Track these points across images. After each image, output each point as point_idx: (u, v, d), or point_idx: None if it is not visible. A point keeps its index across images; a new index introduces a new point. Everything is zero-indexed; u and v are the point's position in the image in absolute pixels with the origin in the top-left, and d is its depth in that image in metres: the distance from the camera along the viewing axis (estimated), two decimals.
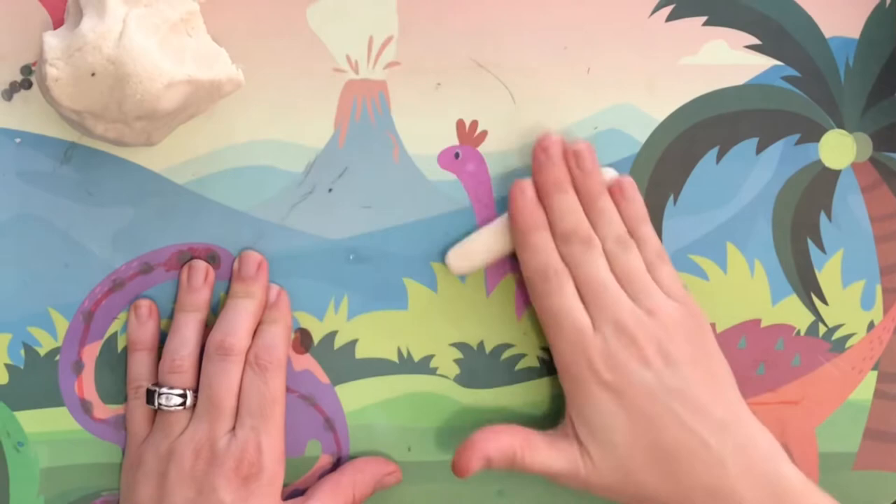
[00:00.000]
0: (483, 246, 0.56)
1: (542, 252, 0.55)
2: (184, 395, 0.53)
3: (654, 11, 0.57)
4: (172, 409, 0.53)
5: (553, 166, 0.55)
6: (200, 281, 0.55)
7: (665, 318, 0.54)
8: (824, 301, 0.59)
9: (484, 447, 0.54)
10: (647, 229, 0.56)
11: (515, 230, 0.55)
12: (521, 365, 0.58)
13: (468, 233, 0.57)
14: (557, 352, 0.55)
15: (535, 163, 0.56)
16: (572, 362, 0.54)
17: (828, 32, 0.58)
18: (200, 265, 0.55)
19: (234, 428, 0.53)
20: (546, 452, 0.54)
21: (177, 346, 0.54)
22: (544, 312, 0.55)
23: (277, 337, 0.55)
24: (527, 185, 0.55)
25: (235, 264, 0.56)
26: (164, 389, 0.53)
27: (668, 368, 0.53)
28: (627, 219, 0.56)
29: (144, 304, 0.55)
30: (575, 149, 0.55)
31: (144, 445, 0.54)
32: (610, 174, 0.56)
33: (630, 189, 0.56)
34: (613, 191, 0.56)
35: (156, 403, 0.53)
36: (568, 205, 0.55)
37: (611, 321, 0.53)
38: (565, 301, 0.54)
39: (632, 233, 0.56)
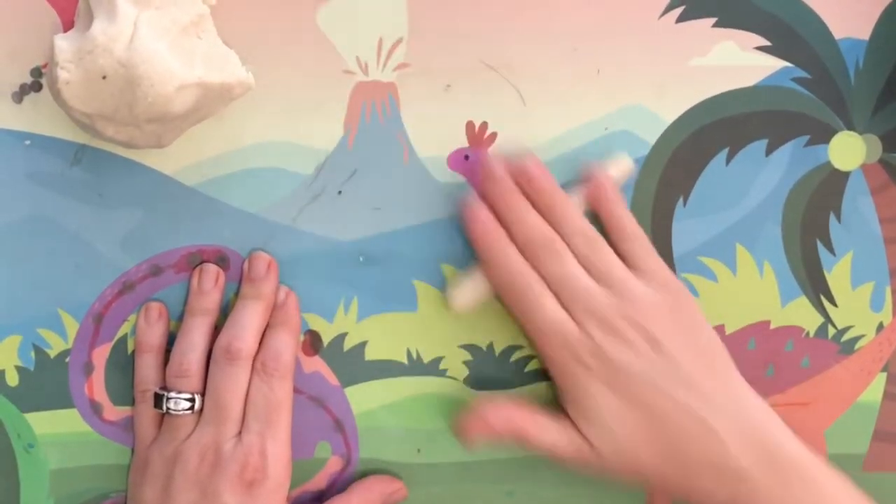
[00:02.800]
0: (483, 279, 0.56)
1: (510, 267, 0.55)
2: (192, 400, 0.53)
3: (664, 13, 0.57)
4: (180, 413, 0.53)
5: (499, 186, 0.55)
6: (210, 284, 0.55)
7: (645, 303, 0.54)
8: (833, 303, 0.59)
9: (490, 418, 0.55)
10: (624, 215, 0.56)
11: (479, 252, 0.55)
12: (530, 367, 0.58)
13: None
14: (545, 356, 0.55)
15: (482, 189, 0.56)
16: (561, 362, 0.54)
17: (838, 34, 0.58)
18: (211, 269, 0.55)
19: (240, 432, 0.53)
20: (552, 433, 0.55)
21: (185, 350, 0.54)
22: (526, 324, 0.55)
23: (284, 342, 0.55)
24: (479, 208, 0.55)
25: (245, 265, 0.56)
26: (172, 394, 0.53)
27: (655, 352, 0.54)
28: (597, 204, 0.56)
29: (155, 307, 0.55)
30: (520, 167, 0.55)
31: (151, 448, 0.54)
32: (619, 165, 0.57)
33: (598, 174, 0.56)
34: (586, 179, 0.56)
35: (164, 407, 0.53)
36: (523, 215, 0.55)
37: (591, 316, 0.54)
38: (545, 312, 0.54)
39: (605, 217, 0.56)
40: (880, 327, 0.60)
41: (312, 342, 0.57)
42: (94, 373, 0.55)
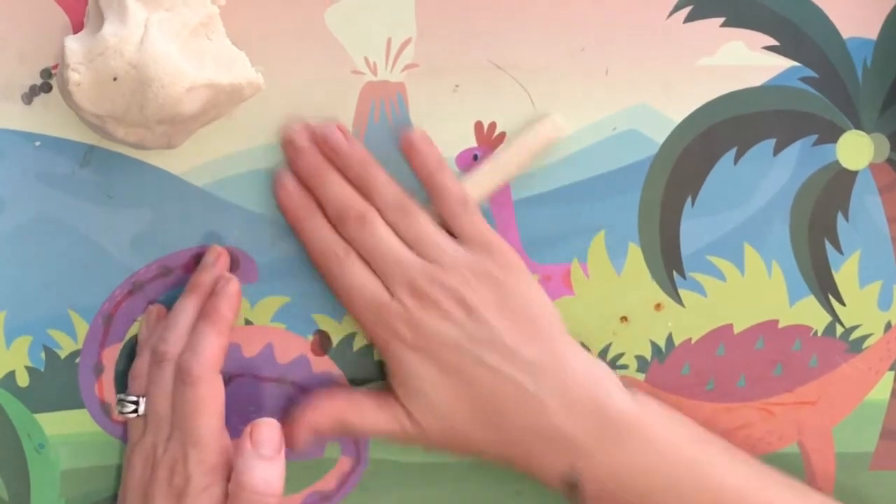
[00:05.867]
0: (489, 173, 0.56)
1: (318, 238, 0.54)
2: (137, 402, 0.53)
3: (672, 13, 0.57)
4: (130, 416, 0.53)
5: (304, 156, 0.54)
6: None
7: (460, 266, 0.53)
8: (841, 302, 0.59)
9: (309, 419, 0.54)
10: (444, 178, 0.55)
11: (289, 223, 0.55)
12: None
13: None
14: (362, 326, 0.55)
15: (286, 158, 0.55)
16: (377, 333, 0.54)
17: (845, 33, 0.58)
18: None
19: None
20: (373, 414, 0.54)
21: (138, 353, 0.55)
22: (338, 295, 0.54)
23: (202, 339, 0.52)
24: (286, 179, 0.54)
25: None
26: (121, 396, 0.53)
27: (471, 319, 0.53)
28: (420, 171, 0.55)
29: (154, 309, 0.55)
30: (321, 133, 0.54)
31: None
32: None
33: (419, 142, 0.55)
34: (404, 148, 0.55)
35: (116, 411, 0.53)
36: (331, 187, 0.54)
37: (404, 285, 0.53)
38: (352, 279, 0.53)
39: (428, 185, 0.55)
40: (888, 326, 0.60)
41: (322, 342, 0.57)
42: (103, 373, 0.56)
